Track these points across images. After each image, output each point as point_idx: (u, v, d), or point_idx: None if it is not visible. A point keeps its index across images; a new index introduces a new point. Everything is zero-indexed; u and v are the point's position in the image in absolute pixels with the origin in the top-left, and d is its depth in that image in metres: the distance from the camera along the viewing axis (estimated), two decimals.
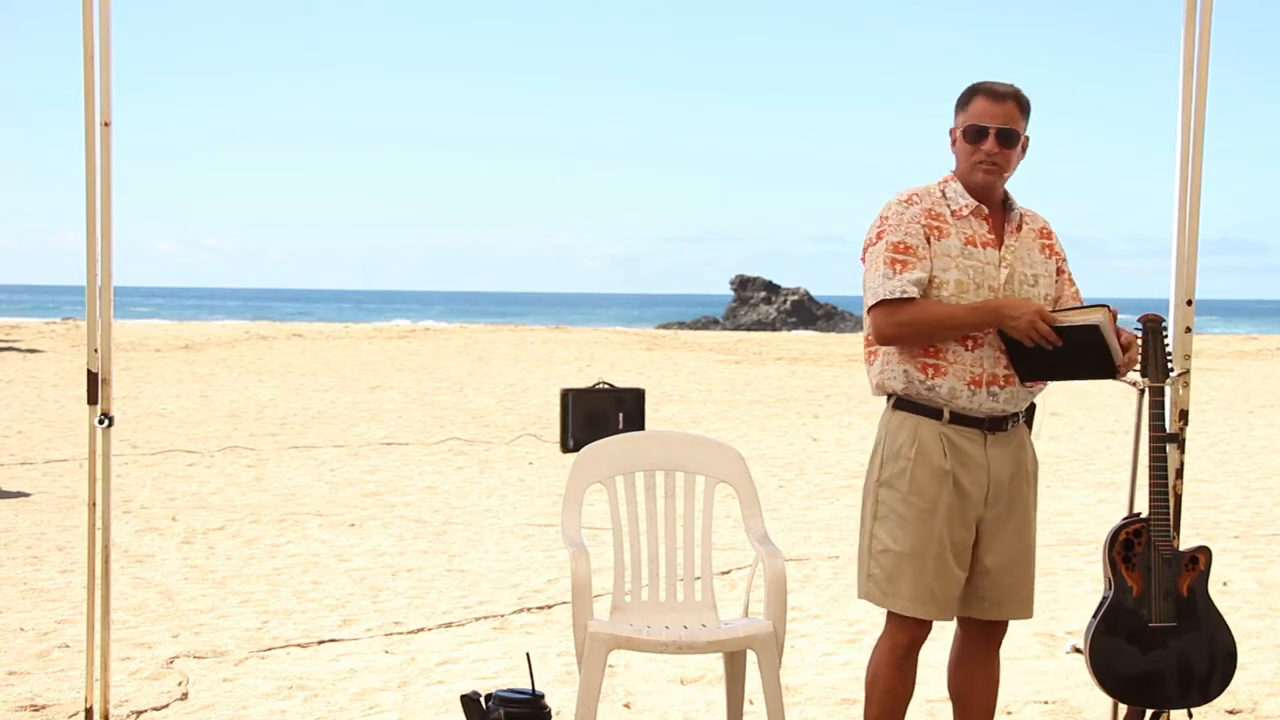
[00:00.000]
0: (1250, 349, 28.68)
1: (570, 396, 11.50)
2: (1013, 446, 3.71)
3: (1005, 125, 3.64)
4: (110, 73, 4.29)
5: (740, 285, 52.58)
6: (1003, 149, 3.63)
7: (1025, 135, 3.70)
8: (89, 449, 4.41)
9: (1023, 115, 3.68)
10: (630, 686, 5.10)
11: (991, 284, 3.64)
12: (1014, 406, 3.68)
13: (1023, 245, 3.72)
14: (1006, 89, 3.68)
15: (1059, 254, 3.82)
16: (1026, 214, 3.79)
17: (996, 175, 3.66)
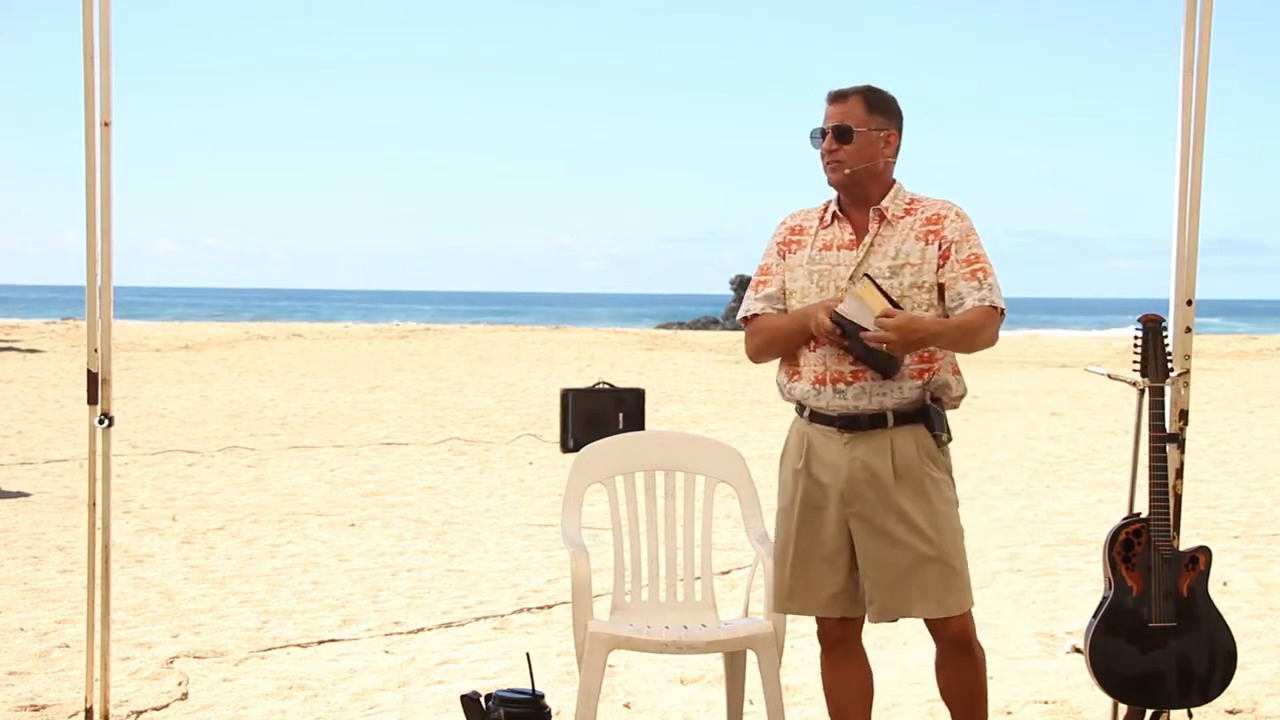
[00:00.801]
0: (1250, 349, 28.68)
1: (570, 396, 11.50)
2: (878, 445, 3.62)
3: (838, 122, 3.68)
4: (110, 73, 4.29)
5: (740, 285, 52.53)
6: (840, 145, 3.67)
7: (885, 131, 3.70)
8: (89, 449, 4.41)
9: (871, 110, 3.69)
10: (630, 686, 5.10)
11: (838, 284, 3.66)
12: (868, 403, 3.62)
13: (893, 238, 3.66)
14: (851, 88, 3.73)
15: (947, 238, 3.65)
16: (918, 205, 3.71)
17: (839, 172, 3.68)
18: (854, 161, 3.68)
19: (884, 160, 3.72)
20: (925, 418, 3.64)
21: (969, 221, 3.70)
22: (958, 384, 3.73)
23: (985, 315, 3.60)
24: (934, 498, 3.63)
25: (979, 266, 3.64)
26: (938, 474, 3.66)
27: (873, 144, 3.69)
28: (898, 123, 3.75)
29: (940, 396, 3.69)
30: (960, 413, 13.23)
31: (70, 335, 27.28)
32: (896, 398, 3.62)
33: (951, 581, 3.63)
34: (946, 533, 3.63)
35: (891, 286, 3.60)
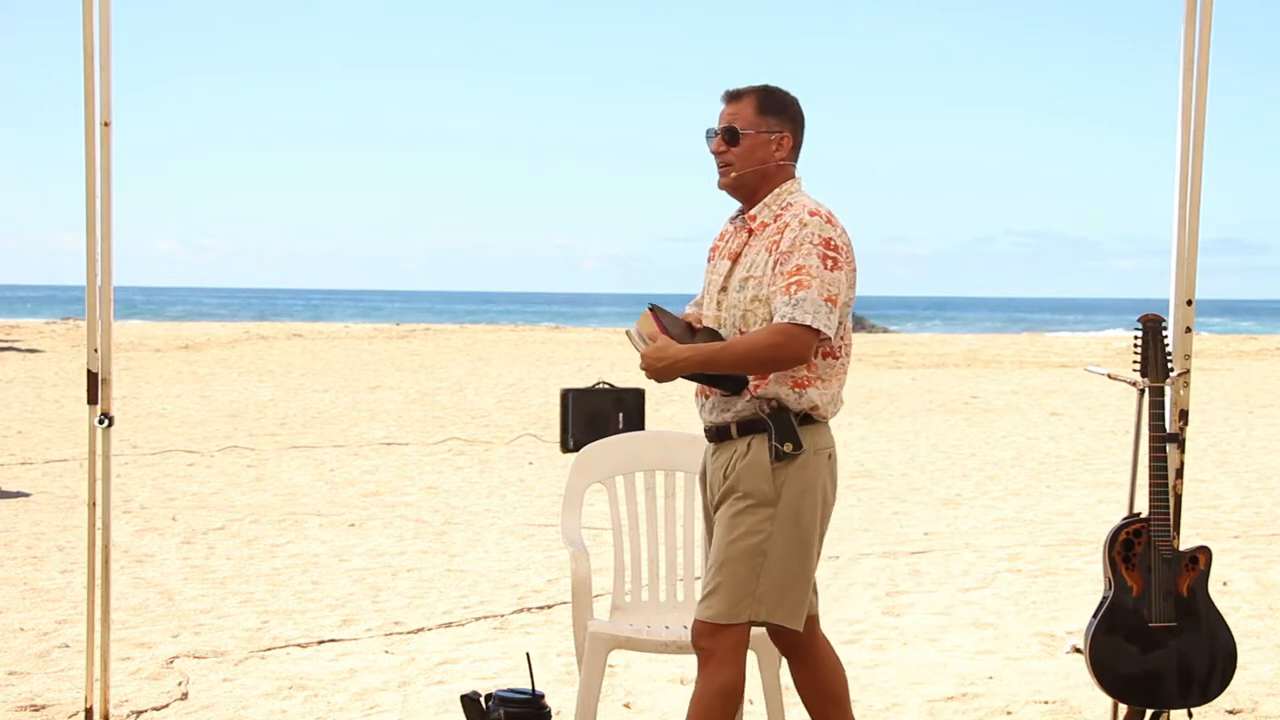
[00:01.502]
0: (1250, 349, 28.69)
1: (570, 396, 11.50)
2: (726, 458, 3.59)
3: (728, 123, 3.61)
4: (110, 73, 4.29)
5: None
6: (728, 147, 3.61)
7: (777, 133, 3.61)
8: (89, 449, 4.40)
9: (762, 111, 3.61)
10: (630, 686, 5.10)
11: (712, 293, 3.66)
12: (717, 417, 3.61)
13: (755, 249, 3.59)
14: (745, 88, 3.65)
15: (780, 249, 3.51)
16: (786, 211, 3.58)
17: (726, 175, 3.63)
18: (741, 165, 3.60)
19: (775, 163, 3.62)
20: (763, 428, 3.53)
21: (811, 230, 3.49)
22: (800, 399, 3.53)
23: (775, 332, 3.44)
24: (736, 505, 3.54)
25: (797, 279, 3.46)
26: (759, 483, 3.52)
27: (762, 146, 3.60)
28: (792, 125, 3.65)
29: (787, 407, 3.54)
30: (960, 413, 13.29)
31: (70, 335, 27.28)
32: (735, 413, 3.58)
33: (720, 587, 3.54)
34: (732, 540, 3.53)
35: (739, 300, 3.57)
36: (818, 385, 3.56)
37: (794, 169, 3.68)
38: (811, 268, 3.46)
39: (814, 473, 3.56)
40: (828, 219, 3.53)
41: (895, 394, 18.19)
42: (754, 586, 3.52)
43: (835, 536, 8.24)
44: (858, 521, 8.79)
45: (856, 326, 48.57)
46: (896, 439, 13.25)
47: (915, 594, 6.71)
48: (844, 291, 3.53)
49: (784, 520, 3.52)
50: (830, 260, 3.48)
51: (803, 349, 3.45)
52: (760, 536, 3.51)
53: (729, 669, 3.54)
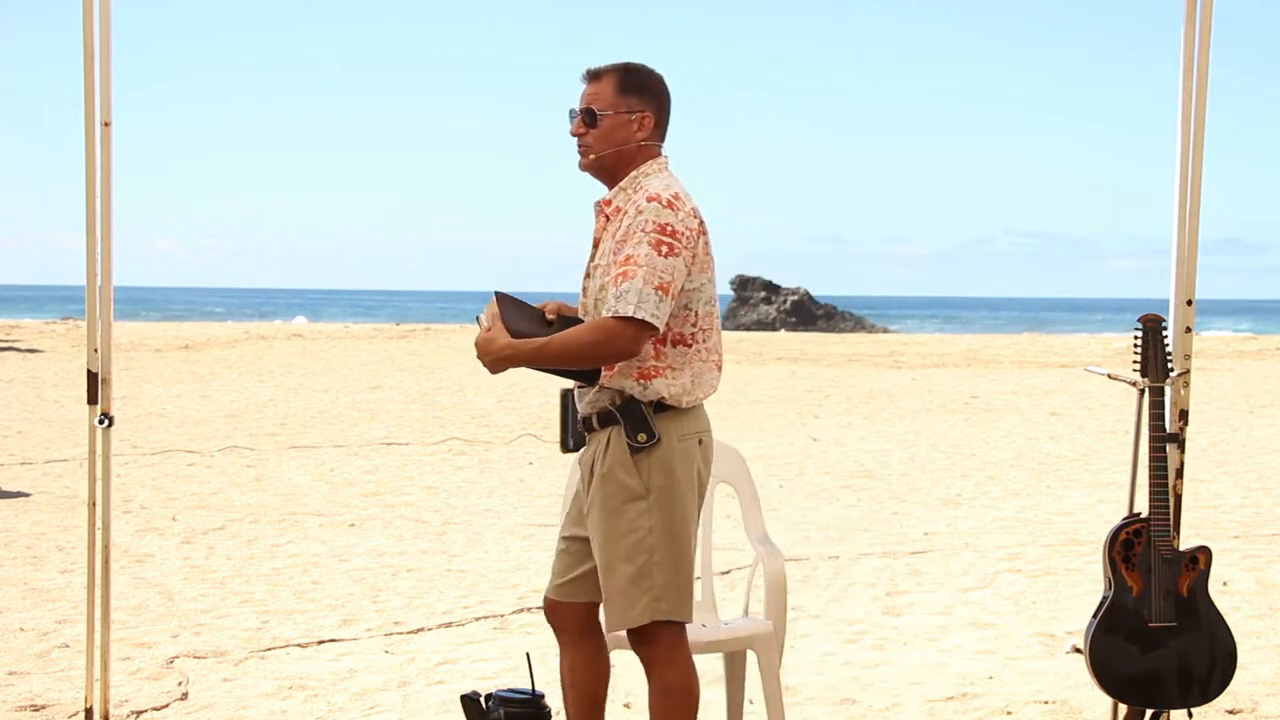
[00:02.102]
0: (1250, 349, 28.68)
1: (570, 397, 11.48)
2: (593, 451, 3.56)
3: (584, 105, 3.56)
4: (110, 73, 4.29)
5: (740, 285, 52.54)
6: (588, 129, 3.55)
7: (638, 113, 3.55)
8: (89, 449, 4.40)
9: (622, 91, 3.54)
10: (630, 686, 5.09)
11: (582, 282, 3.63)
12: (583, 409, 3.59)
13: (610, 234, 3.53)
14: (606, 67, 3.58)
15: (618, 239, 3.45)
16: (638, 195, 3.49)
17: (586, 158, 3.57)
18: (600, 146, 3.54)
19: (636, 144, 3.55)
20: (618, 420, 3.49)
21: (647, 217, 3.40)
22: (645, 390, 3.47)
23: (599, 328, 3.38)
24: (609, 505, 3.50)
25: (623, 270, 3.37)
26: (624, 478, 3.48)
27: (622, 127, 3.53)
28: (655, 104, 3.57)
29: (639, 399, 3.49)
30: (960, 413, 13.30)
31: (70, 335, 27.28)
32: (590, 404, 3.57)
33: (612, 593, 3.50)
34: (614, 542, 3.49)
35: (592, 287, 3.55)
36: (666, 375, 3.48)
37: (659, 149, 3.61)
38: (640, 257, 3.37)
39: (681, 458, 3.50)
40: (668, 203, 3.42)
41: (895, 394, 18.19)
42: (649, 585, 3.47)
43: (835, 536, 8.24)
44: (858, 521, 8.79)
45: (856, 326, 48.61)
46: (896, 439, 13.25)
47: (915, 594, 6.71)
48: (680, 279, 3.41)
49: (660, 511, 3.47)
50: (665, 246, 3.38)
51: (626, 342, 3.37)
52: (641, 532, 3.47)
53: (674, 668, 3.53)
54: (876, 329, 48.37)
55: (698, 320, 3.50)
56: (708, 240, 3.54)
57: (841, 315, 50.68)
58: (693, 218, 3.48)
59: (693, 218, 3.48)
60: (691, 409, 3.54)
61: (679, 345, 3.49)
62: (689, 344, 3.50)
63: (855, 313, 52.96)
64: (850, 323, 49.44)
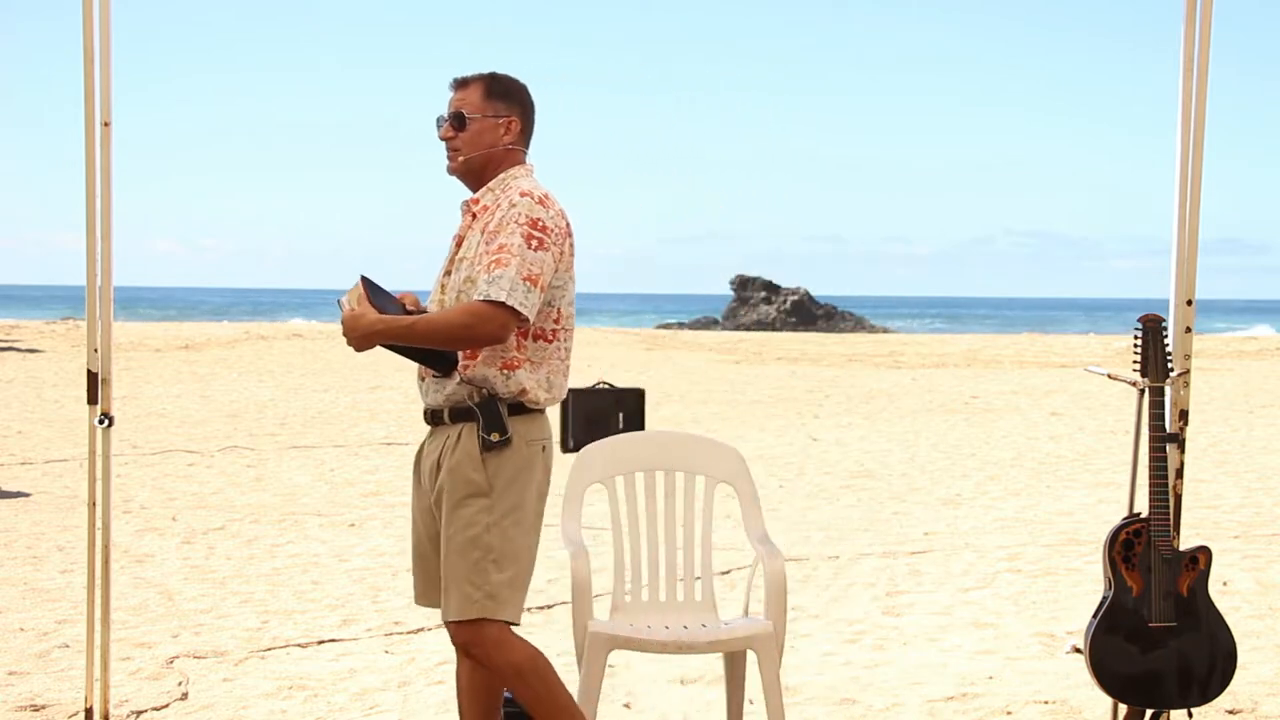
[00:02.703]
0: (1250, 349, 28.69)
1: (570, 397, 11.49)
2: (439, 444, 3.59)
3: (453, 110, 3.65)
4: (110, 73, 4.29)
5: (740, 285, 52.58)
6: (456, 132, 3.64)
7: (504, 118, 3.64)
8: (89, 449, 4.40)
9: (489, 96, 3.65)
10: (630, 686, 5.10)
11: (440, 278, 3.67)
12: (431, 400, 3.61)
13: (475, 231, 3.61)
14: (473, 75, 3.69)
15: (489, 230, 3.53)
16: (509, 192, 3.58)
17: (454, 161, 3.66)
18: (469, 149, 3.64)
19: (503, 147, 3.65)
20: (474, 415, 3.52)
21: (519, 209, 3.50)
22: (508, 381, 3.52)
23: (466, 311, 3.44)
24: (451, 499, 3.53)
25: (496, 258, 3.46)
26: (470, 474, 3.52)
27: (489, 131, 3.64)
28: (521, 109, 3.68)
29: (498, 395, 3.53)
30: (960, 413, 13.30)
31: (70, 335, 27.28)
32: (445, 395, 3.58)
33: (446, 586, 3.54)
34: (451, 536, 3.52)
35: (456, 281, 3.58)
36: (526, 368, 3.55)
37: (524, 155, 3.71)
38: (513, 246, 3.46)
39: (525, 462, 3.56)
40: (540, 200, 3.53)
41: (895, 394, 18.19)
42: (482, 581, 3.50)
43: (835, 536, 8.24)
44: (858, 521, 8.80)
45: (856, 326, 48.65)
46: (896, 439, 13.25)
47: (915, 594, 6.71)
48: (549, 273, 3.50)
49: (500, 511, 3.52)
50: (535, 240, 3.47)
51: (496, 327, 3.43)
52: (479, 528, 3.51)
53: (512, 652, 3.57)
54: (876, 329, 48.40)
55: (560, 319, 3.61)
56: (573, 244, 3.64)
57: (841, 315, 50.72)
58: (561, 218, 3.60)
59: (561, 218, 3.60)
60: (538, 414, 3.62)
61: (539, 340, 3.57)
62: (549, 340, 3.59)
63: (855, 313, 52.99)
64: (850, 323, 49.47)
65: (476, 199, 3.66)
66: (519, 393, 3.54)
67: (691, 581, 4.41)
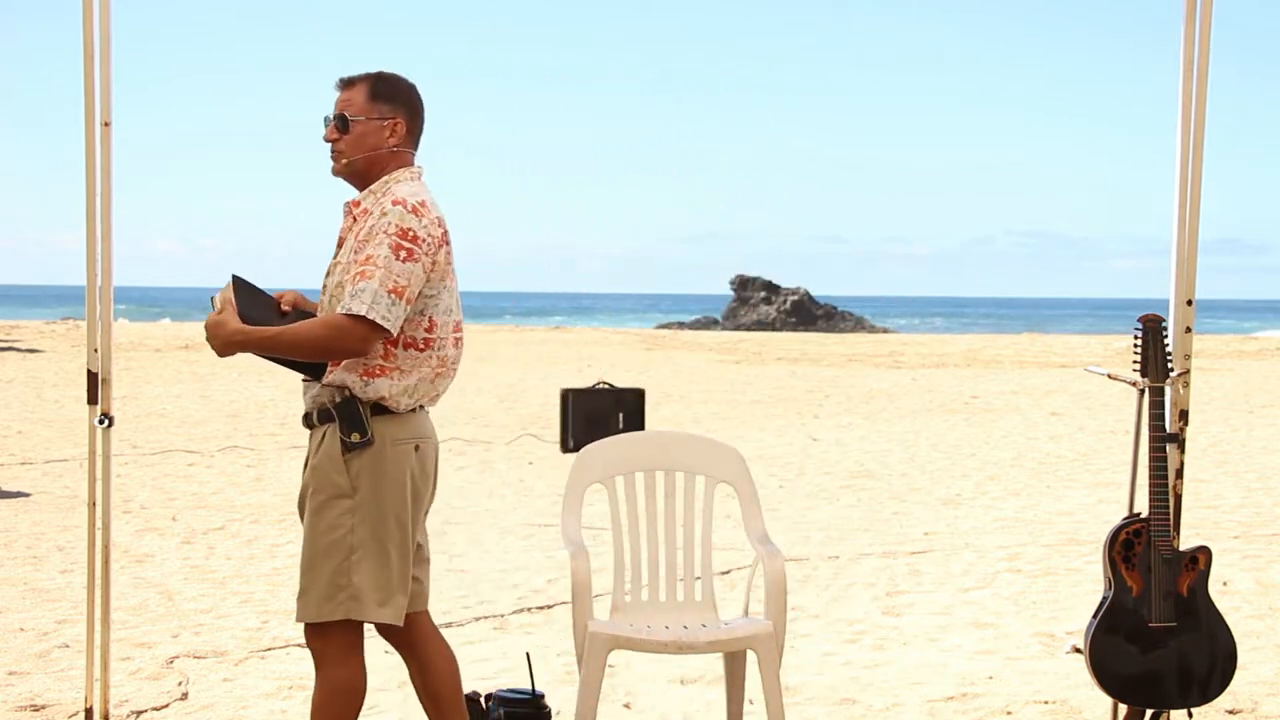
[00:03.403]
0: (1250, 349, 28.69)
1: (570, 396, 11.49)
2: (311, 447, 3.59)
3: (337, 111, 3.62)
4: (110, 73, 4.29)
5: (740, 285, 52.58)
6: (340, 134, 3.61)
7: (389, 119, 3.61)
8: (89, 449, 4.40)
9: (374, 98, 3.61)
10: (630, 686, 5.10)
11: (322, 281, 3.64)
12: (305, 404, 3.62)
13: (354, 235, 3.57)
14: (358, 75, 3.65)
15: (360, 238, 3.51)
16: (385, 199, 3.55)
17: (339, 163, 3.62)
18: (352, 151, 3.60)
19: (388, 149, 3.62)
20: (334, 418, 3.52)
21: (390, 219, 3.47)
22: (366, 388, 3.50)
23: (330, 324, 3.43)
24: (315, 501, 3.54)
25: (362, 270, 3.44)
26: (334, 476, 3.51)
27: (374, 133, 3.60)
28: (407, 110, 3.64)
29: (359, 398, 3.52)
30: (960, 413, 13.30)
31: (70, 335, 27.28)
32: (312, 399, 3.59)
33: (305, 587, 3.54)
34: (314, 538, 3.53)
35: (329, 285, 3.58)
36: (392, 376, 3.52)
37: (412, 157, 3.68)
38: (379, 258, 3.43)
39: (393, 464, 3.54)
40: (413, 209, 3.48)
41: (895, 394, 18.19)
42: (345, 583, 3.50)
43: (835, 536, 8.24)
44: (858, 521, 8.80)
45: (856, 326, 48.63)
46: (896, 439, 13.25)
47: (915, 594, 6.71)
48: (417, 284, 3.47)
49: (365, 512, 3.50)
50: (404, 251, 3.45)
51: (355, 340, 3.42)
52: (343, 530, 3.50)
53: (344, 667, 3.55)
54: (876, 329, 48.39)
55: (433, 328, 3.56)
56: (450, 251, 3.61)
57: (841, 315, 50.72)
58: (437, 226, 3.54)
59: (437, 226, 3.54)
60: (410, 414, 3.59)
61: (410, 349, 3.53)
62: (420, 349, 3.55)
63: (855, 313, 52.99)
64: (850, 323, 49.46)
65: (357, 201, 3.61)
66: (377, 399, 3.53)
67: (691, 581, 4.41)
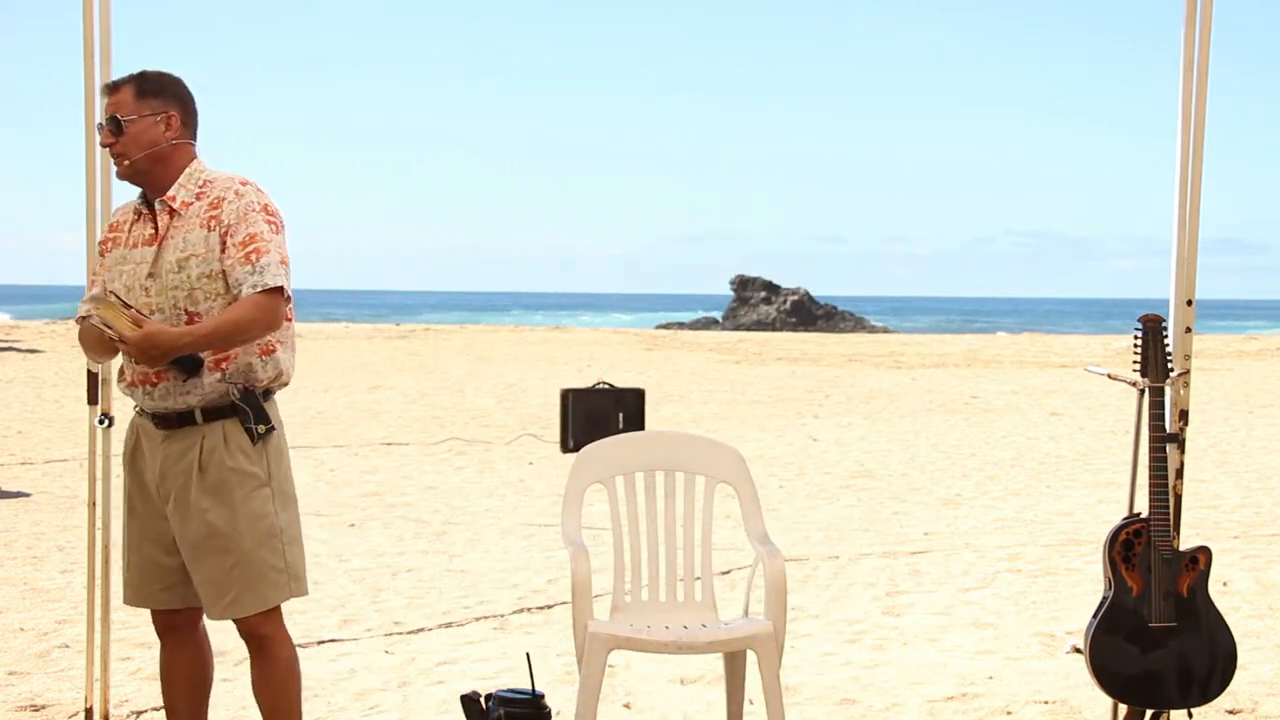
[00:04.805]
0: (1250, 349, 28.69)
1: (570, 396, 11.50)
2: (189, 443, 3.60)
3: (108, 115, 3.62)
4: (110, 73, 4.29)
5: (740, 285, 52.59)
6: (115, 138, 3.60)
7: (161, 114, 3.61)
8: (89, 449, 4.41)
9: (141, 96, 3.61)
10: (630, 686, 5.10)
11: (141, 281, 3.62)
12: (174, 403, 3.59)
13: (182, 229, 3.59)
14: (122, 78, 3.65)
15: (224, 222, 3.56)
16: (209, 188, 3.61)
17: (122, 165, 3.62)
18: (133, 150, 3.60)
19: (168, 143, 3.62)
20: (236, 411, 3.60)
21: (250, 199, 3.59)
22: (266, 366, 3.63)
23: (253, 304, 3.50)
24: (236, 496, 3.60)
25: (253, 248, 3.54)
26: (249, 467, 3.61)
27: (149, 130, 3.60)
28: (178, 103, 3.65)
29: (252, 386, 3.61)
30: (960, 413, 13.27)
31: (70, 335, 27.27)
32: (200, 395, 3.59)
33: (248, 579, 3.63)
34: (245, 531, 3.61)
35: (181, 280, 3.56)
36: (278, 351, 3.66)
37: (193, 148, 3.70)
38: (262, 234, 3.56)
39: (283, 444, 3.73)
40: (257, 187, 3.63)
41: (895, 394, 18.19)
42: (283, 565, 3.68)
43: (835, 536, 8.24)
44: (858, 521, 8.80)
45: (856, 326, 48.64)
46: (896, 439, 13.25)
47: (915, 594, 6.71)
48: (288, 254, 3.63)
49: (280, 495, 3.68)
50: (274, 225, 3.60)
51: (277, 315, 3.56)
52: (271, 517, 3.64)
53: (289, 646, 3.81)
54: (876, 329, 48.39)
55: (290, 300, 3.67)
56: None
57: (841, 315, 50.72)
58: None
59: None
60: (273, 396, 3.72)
61: (288, 321, 3.69)
62: (288, 318, 3.69)
63: (855, 313, 52.99)
64: (850, 323, 49.46)
65: (173, 196, 3.61)
66: (275, 376, 3.66)
67: (691, 581, 4.41)
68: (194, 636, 3.95)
